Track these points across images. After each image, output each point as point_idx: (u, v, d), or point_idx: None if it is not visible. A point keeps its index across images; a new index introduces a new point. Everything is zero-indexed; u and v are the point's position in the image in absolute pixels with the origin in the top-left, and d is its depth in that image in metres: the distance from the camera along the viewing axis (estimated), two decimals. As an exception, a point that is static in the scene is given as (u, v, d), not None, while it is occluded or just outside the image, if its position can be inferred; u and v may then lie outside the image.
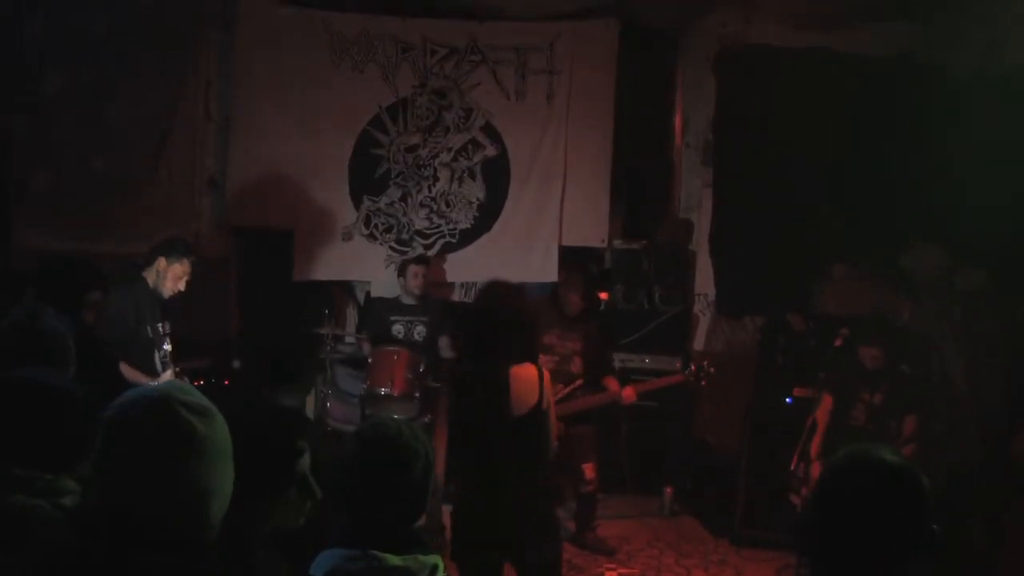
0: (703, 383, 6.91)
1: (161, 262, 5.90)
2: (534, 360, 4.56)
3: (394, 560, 2.48)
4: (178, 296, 6.05)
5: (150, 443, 1.96)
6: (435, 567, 2.56)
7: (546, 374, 4.55)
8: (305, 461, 2.65)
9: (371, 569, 2.46)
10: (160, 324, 5.79)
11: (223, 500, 2.05)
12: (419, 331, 7.73)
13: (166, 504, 1.96)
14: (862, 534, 2.17)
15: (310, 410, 7.94)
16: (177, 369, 5.89)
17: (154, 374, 5.72)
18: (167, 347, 5.80)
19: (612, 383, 6.77)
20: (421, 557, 2.55)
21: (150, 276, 5.93)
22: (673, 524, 7.49)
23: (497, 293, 4.68)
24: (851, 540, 2.18)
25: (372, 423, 2.83)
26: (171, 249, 5.96)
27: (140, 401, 2.01)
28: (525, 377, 4.47)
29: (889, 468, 2.22)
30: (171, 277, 5.92)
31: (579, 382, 6.77)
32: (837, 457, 2.35)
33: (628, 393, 6.65)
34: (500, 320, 4.50)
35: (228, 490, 2.07)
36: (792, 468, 6.30)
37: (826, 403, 6.45)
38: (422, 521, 2.75)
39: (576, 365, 6.86)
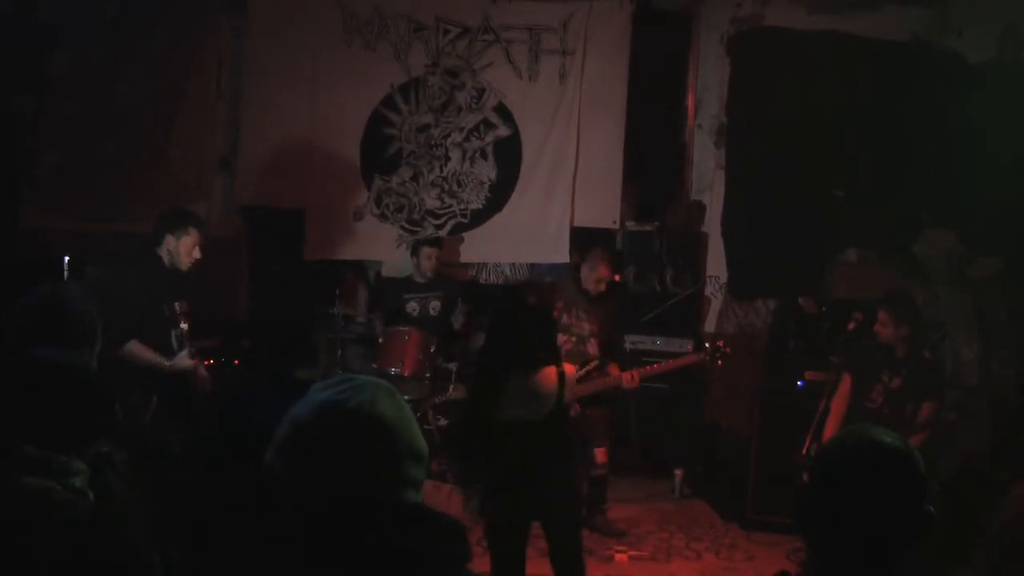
0: (719, 363, 6.86)
1: (170, 240, 5.83)
2: (557, 363, 4.94)
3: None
4: (196, 266, 5.97)
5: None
6: None
7: (569, 375, 4.98)
8: None
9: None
10: (177, 304, 5.75)
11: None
12: (434, 306, 7.73)
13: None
14: (856, 514, 2.17)
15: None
16: (193, 349, 5.86)
17: (169, 353, 5.69)
18: (183, 325, 5.76)
19: (613, 368, 6.67)
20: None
21: (163, 254, 5.89)
22: (683, 507, 7.50)
23: (524, 298, 4.93)
24: (846, 520, 2.18)
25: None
26: (174, 224, 5.89)
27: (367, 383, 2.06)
28: (547, 381, 4.86)
29: (884, 448, 2.21)
30: (184, 251, 5.86)
31: (594, 363, 6.75)
32: (833, 438, 2.35)
33: (628, 378, 6.56)
34: (527, 327, 4.96)
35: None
36: (804, 452, 6.28)
37: (845, 385, 6.41)
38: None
39: (592, 346, 6.85)
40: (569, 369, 5.06)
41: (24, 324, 3.55)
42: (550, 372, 4.88)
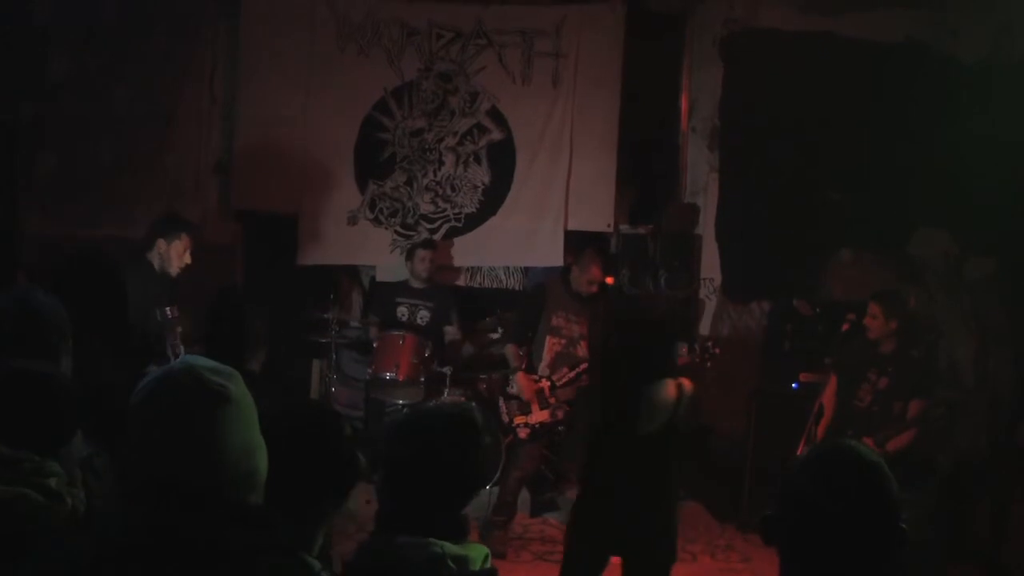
0: (708, 365, 6.86)
1: (161, 244, 5.87)
2: (673, 376, 4.71)
3: (453, 548, 2.46)
4: (186, 272, 5.97)
5: (190, 411, 1.93)
6: (487, 556, 2.56)
7: (687, 387, 4.68)
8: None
9: (432, 557, 2.44)
10: (168, 308, 5.75)
11: (264, 456, 2.03)
12: (422, 315, 7.73)
13: (219, 468, 1.93)
14: (825, 529, 2.14)
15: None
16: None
17: (164, 358, 5.68)
18: (179, 329, 5.76)
19: None
20: (476, 545, 2.55)
21: (154, 259, 5.90)
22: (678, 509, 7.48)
23: (645, 311, 4.82)
24: (815, 534, 2.16)
25: (440, 406, 2.87)
26: (166, 229, 5.92)
27: (166, 377, 1.98)
28: (665, 395, 4.64)
29: (856, 464, 2.18)
30: (174, 256, 5.89)
31: (584, 366, 6.75)
32: (806, 451, 2.34)
33: None
34: (648, 339, 4.77)
35: (264, 446, 2.05)
36: (799, 454, 6.27)
37: (832, 385, 6.43)
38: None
39: (583, 349, 6.84)
40: (687, 382, 4.76)
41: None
42: (669, 385, 4.65)
